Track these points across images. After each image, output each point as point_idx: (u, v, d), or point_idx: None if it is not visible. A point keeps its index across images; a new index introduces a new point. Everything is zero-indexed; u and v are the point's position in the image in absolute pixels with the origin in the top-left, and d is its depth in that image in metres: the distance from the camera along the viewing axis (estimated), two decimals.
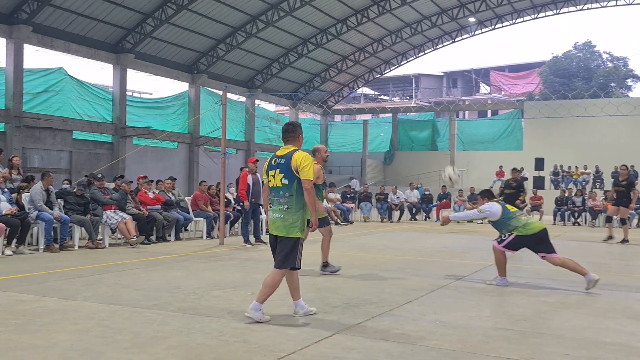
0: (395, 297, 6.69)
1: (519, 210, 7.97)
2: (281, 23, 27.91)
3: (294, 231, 5.44)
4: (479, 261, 10.15)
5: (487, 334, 5.11)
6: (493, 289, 7.45)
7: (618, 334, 5.22)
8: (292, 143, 5.65)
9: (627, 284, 8.15)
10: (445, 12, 32.15)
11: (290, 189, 5.45)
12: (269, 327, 5.19)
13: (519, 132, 36.05)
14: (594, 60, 47.77)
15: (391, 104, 48.57)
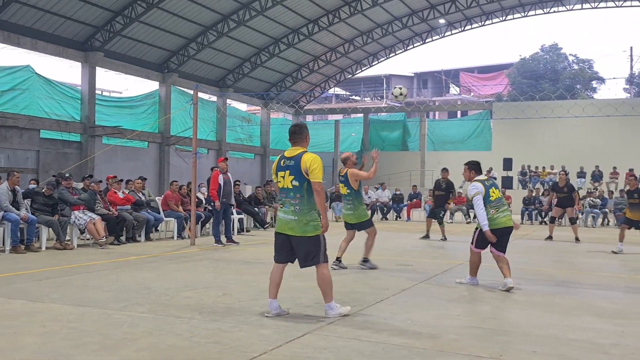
0: (367, 296, 6.74)
1: (500, 200, 7.60)
2: (253, 22, 27.81)
3: (310, 230, 5.56)
4: (450, 260, 10.27)
5: (457, 333, 5.18)
6: (463, 288, 7.55)
7: (583, 332, 5.33)
8: (299, 144, 5.75)
9: (591, 282, 8.33)
10: (416, 13, 32.41)
11: (301, 190, 5.57)
12: (241, 328, 5.19)
13: (488, 133, 36.52)
14: (561, 63, 48.71)
15: (362, 104, 48.77)
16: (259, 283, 7.53)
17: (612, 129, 31.53)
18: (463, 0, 31.54)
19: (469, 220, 21.84)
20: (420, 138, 37.30)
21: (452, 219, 21.90)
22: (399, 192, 23.74)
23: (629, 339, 5.11)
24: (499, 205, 7.56)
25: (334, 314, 5.61)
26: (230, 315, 5.66)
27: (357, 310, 5.95)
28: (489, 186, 7.63)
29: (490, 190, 7.61)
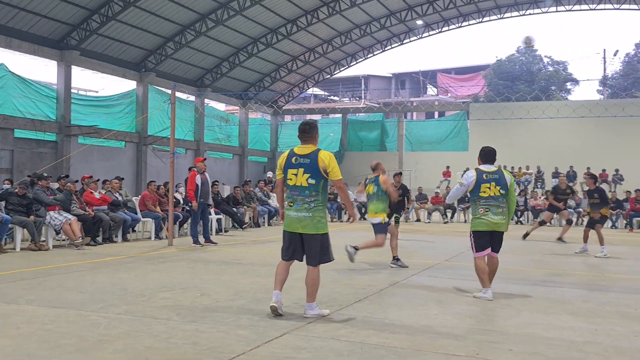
0: (345, 296, 6.76)
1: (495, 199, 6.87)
2: (231, 22, 27.71)
3: (322, 227, 5.67)
4: (426, 260, 10.34)
5: (434, 332, 5.22)
6: (441, 287, 7.59)
7: (559, 330, 5.41)
8: (311, 142, 5.78)
9: (566, 281, 8.46)
10: (394, 14, 32.56)
11: (317, 188, 5.61)
12: (219, 328, 5.17)
13: (465, 133, 36.83)
14: (536, 64, 49.36)
15: (341, 105, 48.84)
16: (237, 283, 7.53)
17: (586, 130, 32.02)
18: (440, 2, 31.78)
19: (446, 220, 22.01)
20: (398, 138, 37.49)
21: (429, 219, 22.06)
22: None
23: (603, 337, 5.20)
24: (491, 206, 6.86)
25: (314, 314, 5.61)
26: (207, 316, 5.64)
27: (336, 310, 5.97)
28: (486, 180, 6.92)
29: (485, 185, 6.91)
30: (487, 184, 6.91)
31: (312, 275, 5.66)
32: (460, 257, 11.07)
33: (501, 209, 6.92)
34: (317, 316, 5.60)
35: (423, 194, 23.04)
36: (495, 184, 6.92)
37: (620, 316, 6.05)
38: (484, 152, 7.21)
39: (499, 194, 6.91)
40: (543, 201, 21.45)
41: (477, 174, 7.00)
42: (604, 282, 8.40)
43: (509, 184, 6.98)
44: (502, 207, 6.92)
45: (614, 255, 11.55)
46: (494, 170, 7.06)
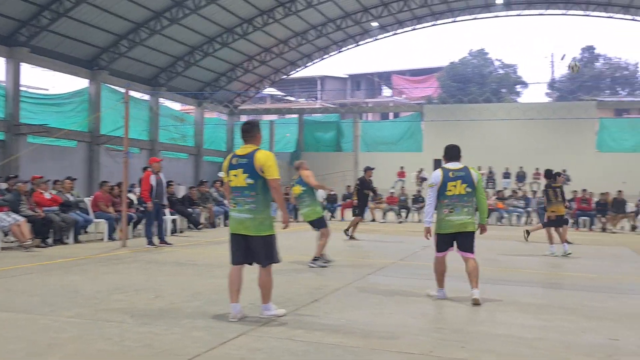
0: (301, 296, 6.78)
1: (461, 198, 6.64)
2: (186, 21, 27.38)
3: (265, 229, 5.53)
4: (382, 259, 10.45)
5: (389, 331, 5.29)
6: (396, 286, 7.69)
7: (509, 327, 5.56)
8: (252, 142, 5.68)
9: (516, 278, 8.68)
10: (349, 16, 32.77)
11: (256, 187, 5.51)
12: (174, 331, 5.12)
13: (419, 134, 37.31)
14: (487, 67, 50.53)
15: (297, 105, 48.93)
16: (193, 285, 7.46)
17: (535, 132, 32.88)
18: (395, 4, 32.14)
19: (401, 220, 22.26)
20: (353, 139, 37.73)
21: (384, 218, 22.29)
22: (333, 192, 23.95)
23: (552, 333, 5.36)
24: (456, 205, 6.65)
25: (270, 314, 5.61)
26: (162, 318, 5.57)
27: (292, 311, 5.99)
28: (452, 178, 6.69)
29: (451, 183, 6.68)
30: (454, 181, 6.67)
31: (262, 277, 5.62)
32: (415, 256, 11.23)
33: (467, 208, 6.70)
34: (274, 316, 5.59)
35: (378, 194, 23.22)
36: (462, 181, 6.68)
37: (568, 312, 6.25)
38: (449, 149, 6.98)
39: (465, 192, 6.68)
40: (495, 201, 21.92)
41: (444, 172, 6.78)
42: (552, 279, 8.67)
43: (475, 182, 6.75)
44: (467, 206, 6.70)
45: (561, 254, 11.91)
46: (461, 167, 6.81)
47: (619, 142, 33.92)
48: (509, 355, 4.62)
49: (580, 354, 4.71)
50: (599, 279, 8.82)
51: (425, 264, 9.96)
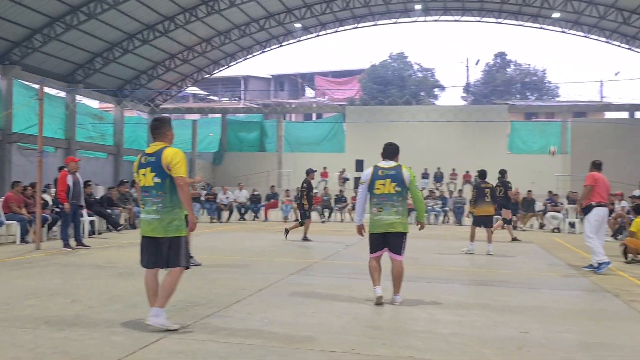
0: (224, 297, 6.74)
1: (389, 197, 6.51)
2: (105, 16, 26.49)
3: (173, 230, 5.27)
4: (304, 259, 10.53)
5: (312, 330, 5.35)
6: (316, 286, 7.77)
7: (427, 323, 5.76)
8: (161, 139, 5.46)
9: (434, 276, 8.98)
10: (273, 16, 32.76)
11: (163, 187, 5.27)
12: (91, 336, 4.98)
13: (342, 135, 37.80)
14: (407, 70, 51.87)
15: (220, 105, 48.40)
16: (111, 288, 7.27)
17: (452, 133, 34.04)
18: (318, 7, 32.42)
19: (324, 219, 22.47)
20: (277, 139, 37.76)
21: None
22: (257, 192, 23.89)
23: (467, 328, 5.59)
24: (384, 205, 6.53)
25: (159, 322, 5.16)
26: (79, 323, 5.41)
27: (214, 312, 5.96)
28: (381, 176, 6.57)
29: (379, 181, 6.56)
30: (383, 180, 6.53)
31: (169, 278, 5.30)
32: (337, 255, 11.39)
33: (396, 207, 6.52)
34: (161, 326, 5.14)
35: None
36: (391, 180, 6.51)
37: (482, 308, 6.53)
38: (384, 148, 6.84)
39: (394, 191, 6.50)
40: None
41: (373, 170, 6.67)
42: (468, 276, 9.02)
43: (407, 181, 6.53)
44: (396, 206, 6.52)
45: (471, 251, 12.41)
46: (392, 166, 6.65)
47: (528, 145, 35.72)
48: (427, 351, 4.79)
49: (492, 347, 4.94)
50: (510, 275, 9.27)
51: (347, 263, 10.15)
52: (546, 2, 30.25)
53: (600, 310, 6.64)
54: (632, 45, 32.96)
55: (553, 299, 7.21)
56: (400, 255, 6.66)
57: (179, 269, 5.33)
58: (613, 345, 5.11)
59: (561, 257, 11.84)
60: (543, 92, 52.84)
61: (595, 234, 9.75)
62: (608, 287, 8.15)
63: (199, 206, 21.59)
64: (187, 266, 5.44)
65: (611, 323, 5.96)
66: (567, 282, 8.67)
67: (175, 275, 5.32)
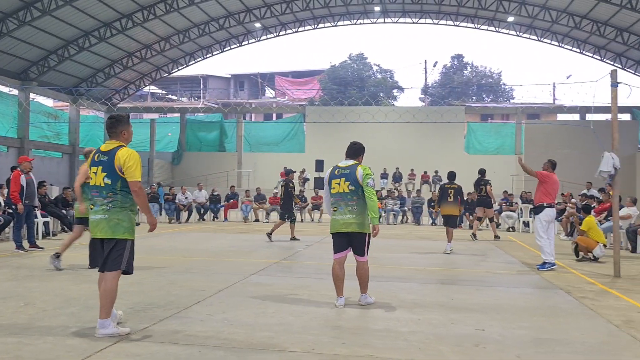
0: (183, 298, 6.69)
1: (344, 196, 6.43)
2: (60, 13, 25.90)
3: (120, 231, 5.10)
4: (264, 259, 10.52)
5: (272, 330, 5.37)
6: (277, 286, 7.78)
7: (385, 321, 5.83)
8: (116, 138, 5.27)
9: (393, 275, 9.08)
10: (232, 15, 32.58)
11: (113, 188, 5.09)
12: (46, 340, 4.88)
13: (302, 135, 37.85)
14: (366, 71, 52.26)
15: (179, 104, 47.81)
16: (67, 290, 7.13)
17: (411, 134, 34.46)
18: (278, 7, 32.40)
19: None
20: (237, 139, 37.56)
21: (268, 219, 22.40)
22: (217, 192, 23.72)
23: (424, 325, 5.69)
24: (339, 204, 6.48)
25: (107, 333, 4.97)
26: (33, 327, 5.28)
27: (174, 314, 5.91)
28: (337, 175, 6.57)
29: (334, 181, 6.56)
30: (338, 179, 6.50)
31: (105, 285, 5.05)
32: (297, 255, 11.42)
33: (350, 207, 6.41)
34: (112, 335, 4.98)
35: (261, 194, 23.33)
36: (345, 179, 6.46)
37: (439, 306, 6.65)
38: (349, 146, 6.80)
39: (348, 190, 6.42)
40: None
41: (331, 170, 6.69)
42: (426, 275, 9.15)
43: (360, 180, 6.40)
44: (351, 205, 6.41)
45: (426, 251, 12.60)
46: (349, 165, 6.59)
47: (484, 145, 36.48)
48: (386, 349, 4.85)
49: (450, 345, 5.04)
50: (467, 274, 9.45)
51: (307, 263, 10.18)
52: (501, 6, 30.92)
53: (553, 307, 6.83)
54: (583, 49, 33.95)
55: (508, 297, 7.39)
56: (362, 256, 6.56)
57: (114, 273, 5.09)
58: (565, 340, 5.27)
59: (516, 256, 12.13)
60: (498, 94, 53.95)
61: (545, 234, 10.05)
62: (560, 284, 8.39)
63: (158, 207, 21.33)
64: (129, 271, 5.23)
65: (563, 319, 6.14)
66: (522, 280, 8.89)
67: (111, 281, 5.07)
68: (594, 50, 33.78)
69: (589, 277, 9.25)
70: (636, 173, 27.32)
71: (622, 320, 6.11)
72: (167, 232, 16.76)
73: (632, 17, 27.85)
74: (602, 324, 5.93)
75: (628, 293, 7.77)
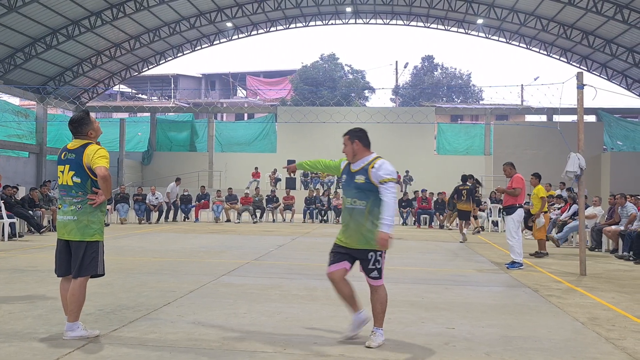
0: (153, 300, 6.64)
1: None
2: (26, 10, 25.41)
3: (90, 233, 4.95)
4: (236, 260, 10.49)
5: (244, 330, 5.36)
6: (249, 286, 7.76)
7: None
8: (81, 136, 5.07)
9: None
10: (203, 14, 32.38)
11: (83, 187, 4.94)
12: (12, 343, 4.80)
13: (273, 135, 37.80)
14: (338, 72, 52.40)
15: (149, 104, 47.33)
16: (33, 292, 7.01)
17: (382, 134, 34.57)
18: (249, 6, 32.29)
19: (255, 220, 22.39)
20: (208, 139, 37.34)
21: (239, 219, 22.31)
22: (187, 192, 23.54)
23: (394, 324, 5.72)
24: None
25: (76, 335, 4.91)
26: None
27: (144, 315, 5.86)
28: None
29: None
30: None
31: (73, 289, 4.90)
32: (269, 255, 11.40)
33: None
34: (80, 337, 4.90)
35: (233, 195, 23.23)
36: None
37: (410, 305, 6.71)
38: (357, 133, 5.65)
39: None
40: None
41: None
42: (396, 274, 9.22)
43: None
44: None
45: (397, 250, 12.71)
46: None
47: (454, 146, 36.90)
48: (356, 349, 4.88)
49: (420, 343, 5.10)
50: (437, 272, 9.56)
51: (278, 263, 10.17)
52: (471, 8, 31.31)
53: (521, 305, 6.95)
54: (550, 51, 34.57)
55: (477, 295, 7.50)
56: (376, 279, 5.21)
57: (84, 279, 4.96)
58: (532, 337, 5.37)
59: (484, 255, 12.30)
60: (468, 95, 54.60)
61: (517, 234, 10.24)
62: (528, 282, 8.55)
63: (128, 207, 21.08)
64: (102, 273, 5.12)
65: (530, 317, 6.26)
66: (490, 279, 9.03)
67: (81, 285, 4.95)
68: (560, 52, 34.42)
69: (555, 275, 9.43)
70: (601, 173, 27.92)
71: (588, 317, 6.25)
72: (137, 232, 16.57)
73: (598, 21, 28.46)
74: (568, 322, 6.06)
75: (593, 291, 7.95)
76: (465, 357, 4.75)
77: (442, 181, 29.25)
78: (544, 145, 29.27)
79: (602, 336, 5.47)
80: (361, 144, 5.42)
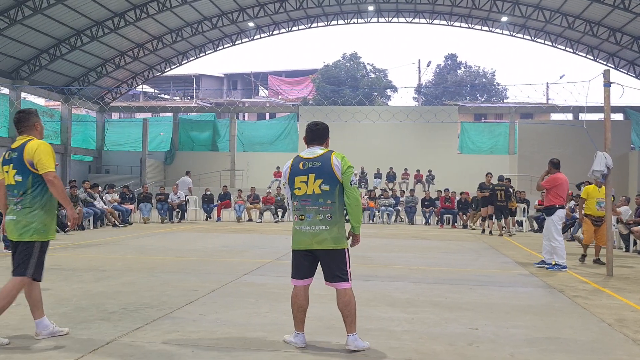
0: (175, 299, 6.66)
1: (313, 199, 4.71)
2: (51, 11, 25.81)
3: (27, 233, 4.76)
4: (258, 259, 10.49)
5: (265, 330, 5.35)
6: (271, 285, 7.75)
7: (379, 321, 5.82)
8: (27, 133, 4.92)
9: (386, 274, 9.07)
10: (225, 14, 32.54)
11: (24, 186, 4.78)
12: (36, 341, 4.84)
13: (295, 135, 37.84)
14: (360, 71, 52.29)
15: (172, 103, 47.72)
16: (58, 291, 7.09)
17: (404, 134, 34.54)
18: (271, 6, 32.37)
19: (277, 219, 22.42)
20: (230, 139, 37.51)
21: (261, 218, 22.36)
22: (209, 192, 23.66)
23: (418, 325, 5.68)
24: (307, 211, 4.71)
25: (47, 333, 4.88)
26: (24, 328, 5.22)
27: (166, 314, 5.88)
28: (302, 171, 4.74)
29: (299, 178, 4.74)
30: (303, 175, 4.74)
31: (5, 288, 4.74)
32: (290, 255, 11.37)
33: (322, 215, 4.67)
34: (51, 335, 4.89)
35: (255, 194, 23.28)
36: (316, 174, 4.70)
37: (433, 305, 6.64)
38: (308, 129, 5.10)
39: (322, 190, 4.67)
40: (367, 200, 22.71)
41: (292, 163, 4.90)
42: (420, 274, 9.14)
43: (339, 175, 4.68)
44: (322, 213, 4.68)
45: (419, 250, 12.61)
46: (319, 155, 4.82)
47: (477, 145, 36.58)
48: (379, 349, 4.84)
49: (443, 344, 5.03)
50: (460, 273, 9.45)
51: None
52: (495, 6, 31.00)
53: (546, 305, 6.84)
54: (576, 49, 34.09)
55: (501, 296, 7.40)
56: (345, 281, 4.89)
57: (20, 278, 4.77)
58: (558, 339, 5.27)
59: (509, 255, 12.15)
60: (492, 94, 54.09)
61: (560, 236, 9.94)
62: (553, 283, 8.41)
63: (150, 206, 21.24)
64: (37, 278, 4.88)
65: (556, 318, 6.15)
66: (515, 279, 8.90)
67: (14, 284, 4.74)
68: (587, 50, 33.93)
69: (582, 276, 9.27)
70: (629, 172, 27.45)
71: (615, 319, 6.13)
72: (159, 232, 16.70)
73: (625, 17, 27.99)
74: (594, 323, 5.95)
75: (621, 292, 7.80)
76: (489, 357, 4.68)
77: (465, 180, 29.00)
78: (570, 144, 28.87)
79: (630, 338, 5.35)
80: None
